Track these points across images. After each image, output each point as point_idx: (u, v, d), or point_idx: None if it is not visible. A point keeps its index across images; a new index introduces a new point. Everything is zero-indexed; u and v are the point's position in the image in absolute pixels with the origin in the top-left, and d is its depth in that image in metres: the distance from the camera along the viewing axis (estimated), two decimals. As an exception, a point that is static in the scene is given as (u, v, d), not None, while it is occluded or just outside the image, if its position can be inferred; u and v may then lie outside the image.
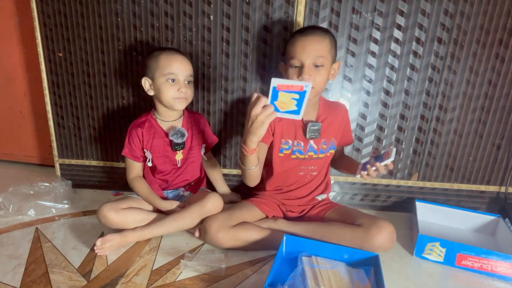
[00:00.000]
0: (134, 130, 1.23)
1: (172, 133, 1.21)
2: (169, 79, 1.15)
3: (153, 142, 1.23)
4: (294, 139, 1.17)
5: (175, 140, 1.21)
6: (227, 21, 1.27)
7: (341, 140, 1.25)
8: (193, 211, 1.13)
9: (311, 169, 1.20)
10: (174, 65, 1.15)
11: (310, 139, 1.15)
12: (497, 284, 1.01)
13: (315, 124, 1.14)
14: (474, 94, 1.27)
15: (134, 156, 1.24)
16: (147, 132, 1.23)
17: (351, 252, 1.01)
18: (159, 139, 1.24)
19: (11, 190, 1.34)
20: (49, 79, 1.42)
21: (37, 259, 1.04)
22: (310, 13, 1.24)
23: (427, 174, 1.38)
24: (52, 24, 1.35)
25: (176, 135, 1.21)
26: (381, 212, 1.42)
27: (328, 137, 1.18)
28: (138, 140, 1.23)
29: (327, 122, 1.18)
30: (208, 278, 0.97)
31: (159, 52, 1.16)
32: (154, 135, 1.23)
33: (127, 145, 1.23)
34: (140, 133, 1.22)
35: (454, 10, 1.19)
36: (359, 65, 1.28)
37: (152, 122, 1.24)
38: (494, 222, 1.27)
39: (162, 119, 1.25)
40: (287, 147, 1.17)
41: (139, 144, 1.23)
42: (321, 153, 1.18)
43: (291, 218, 1.22)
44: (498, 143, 1.32)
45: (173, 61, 1.15)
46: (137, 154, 1.24)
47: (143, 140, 1.23)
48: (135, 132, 1.22)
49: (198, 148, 1.28)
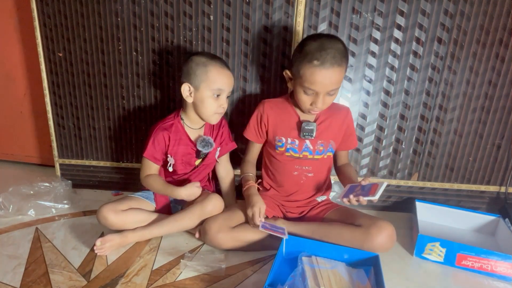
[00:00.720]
0: (161, 132, 1.17)
1: (200, 143, 1.19)
2: (215, 94, 1.13)
3: (178, 149, 1.20)
4: (288, 137, 1.17)
5: (203, 150, 1.20)
6: (227, 21, 1.27)
7: (343, 144, 1.23)
8: (194, 211, 1.13)
9: (306, 169, 1.20)
10: (225, 81, 1.13)
11: (304, 138, 1.15)
12: (497, 284, 1.01)
13: (310, 124, 1.14)
14: (474, 94, 1.27)
15: (155, 158, 1.19)
16: (173, 136, 1.19)
17: (351, 252, 1.01)
18: (184, 146, 1.21)
19: (11, 190, 1.34)
20: (49, 79, 1.42)
21: (37, 259, 1.04)
22: (310, 13, 1.24)
23: (427, 174, 1.38)
24: (52, 24, 1.35)
25: (204, 145, 1.19)
26: (381, 212, 1.42)
27: (326, 139, 1.18)
28: (164, 144, 1.19)
29: (326, 124, 1.17)
30: (208, 278, 0.97)
31: (209, 61, 1.12)
32: (180, 141, 1.20)
33: (150, 146, 1.17)
34: (168, 137, 1.18)
35: (454, 10, 1.19)
36: (359, 65, 1.28)
37: (178, 127, 1.20)
38: (494, 222, 1.27)
39: (189, 125, 1.22)
40: (281, 145, 1.18)
41: (164, 148, 1.19)
42: (317, 154, 1.18)
43: (291, 219, 1.22)
44: (498, 143, 1.32)
45: (224, 77, 1.13)
46: (159, 157, 1.20)
47: (169, 144, 1.19)
48: (162, 135, 1.17)
49: (214, 152, 1.26)
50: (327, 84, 1.02)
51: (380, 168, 1.38)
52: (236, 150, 1.36)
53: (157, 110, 1.40)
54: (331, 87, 1.03)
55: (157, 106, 1.40)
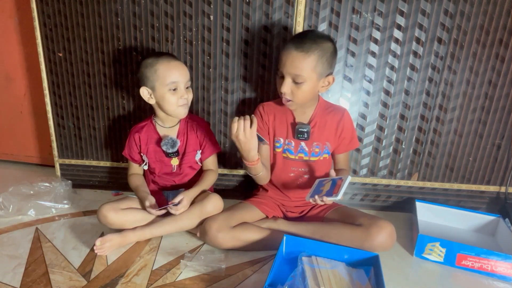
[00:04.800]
0: (132, 134, 1.27)
1: (164, 143, 1.22)
2: (171, 88, 1.15)
3: (149, 148, 1.26)
4: (286, 138, 1.17)
5: (166, 150, 1.22)
6: (227, 21, 1.27)
7: (342, 146, 1.20)
8: (193, 211, 1.13)
9: (302, 171, 1.20)
10: (175, 73, 1.15)
11: (298, 140, 1.15)
12: (497, 284, 1.01)
13: (304, 126, 1.13)
14: (474, 94, 1.27)
15: (132, 158, 1.29)
16: (144, 137, 1.26)
17: (351, 252, 1.01)
18: (154, 145, 1.26)
19: (11, 190, 1.34)
20: (49, 79, 1.42)
21: (37, 259, 1.04)
22: (310, 13, 1.24)
23: (427, 174, 1.38)
24: (52, 24, 1.35)
25: (167, 145, 1.22)
26: (381, 212, 1.42)
27: (322, 141, 1.17)
28: (135, 144, 1.27)
29: (321, 126, 1.17)
30: (208, 278, 0.97)
31: (155, 61, 1.14)
32: (151, 141, 1.26)
33: (126, 146, 1.29)
34: (138, 138, 1.26)
35: (454, 10, 1.19)
36: (359, 65, 1.28)
37: (151, 127, 1.27)
38: (494, 222, 1.27)
39: (161, 124, 1.26)
40: (279, 145, 1.19)
41: (136, 149, 1.27)
42: (313, 156, 1.18)
43: (291, 218, 1.22)
44: (498, 143, 1.32)
45: (173, 69, 1.15)
46: (135, 157, 1.29)
47: (140, 144, 1.27)
48: (132, 136, 1.27)
49: (193, 154, 1.27)
50: (288, 66, 1.02)
51: (380, 168, 1.38)
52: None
53: (157, 110, 1.41)
54: (293, 71, 1.02)
55: (157, 106, 1.41)
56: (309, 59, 1.01)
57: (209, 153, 1.28)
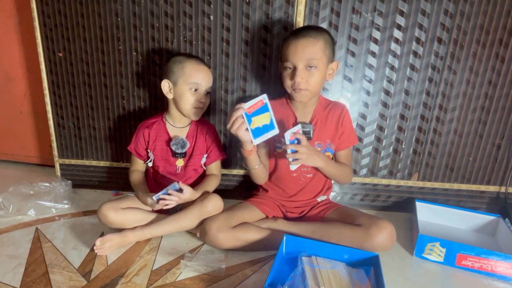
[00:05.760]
0: (142, 129, 1.27)
1: (174, 143, 1.23)
2: (193, 88, 1.17)
3: (156, 145, 1.26)
4: None
5: (175, 150, 1.24)
6: (227, 21, 1.27)
7: (343, 143, 1.21)
8: (193, 211, 1.13)
9: (304, 170, 1.20)
10: (200, 75, 1.18)
11: None
12: (497, 284, 1.01)
13: (306, 126, 1.14)
14: (474, 94, 1.27)
15: (137, 153, 1.28)
16: (153, 133, 1.26)
17: (351, 252, 1.01)
18: (162, 143, 1.26)
19: (11, 190, 1.34)
20: (49, 79, 1.42)
21: (37, 259, 1.04)
22: (310, 13, 1.24)
23: (427, 174, 1.38)
24: (52, 24, 1.35)
25: (177, 145, 1.23)
26: (381, 212, 1.42)
27: (323, 140, 1.18)
28: (143, 140, 1.27)
29: (322, 124, 1.17)
30: (208, 278, 0.97)
31: (185, 59, 1.18)
32: (160, 138, 1.26)
33: (133, 141, 1.28)
34: (147, 133, 1.26)
35: (454, 10, 1.19)
36: (359, 65, 1.28)
37: (161, 125, 1.27)
38: (494, 222, 1.27)
39: (172, 123, 1.27)
40: (280, 146, 1.18)
41: (144, 144, 1.27)
42: None
43: (290, 219, 1.22)
44: (498, 143, 1.32)
45: (200, 71, 1.18)
46: (141, 152, 1.28)
47: (149, 141, 1.27)
48: (142, 131, 1.27)
49: (199, 157, 1.28)
50: (300, 54, 1.05)
51: (380, 168, 1.38)
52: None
53: (157, 110, 1.40)
54: (306, 56, 1.05)
55: (156, 106, 1.40)
56: (319, 43, 1.05)
57: (215, 158, 1.30)
